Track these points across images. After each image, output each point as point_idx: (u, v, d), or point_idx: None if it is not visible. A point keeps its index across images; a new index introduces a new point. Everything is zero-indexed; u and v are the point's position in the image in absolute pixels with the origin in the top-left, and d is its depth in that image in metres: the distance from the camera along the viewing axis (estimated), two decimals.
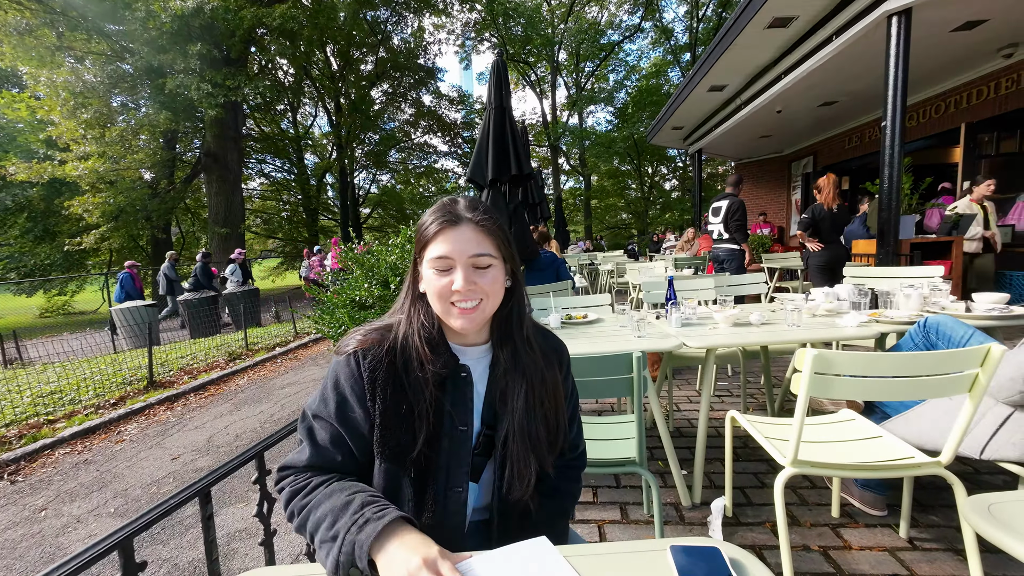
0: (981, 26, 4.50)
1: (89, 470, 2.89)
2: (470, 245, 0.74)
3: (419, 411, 0.74)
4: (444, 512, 0.76)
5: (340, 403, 0.75)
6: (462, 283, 0.72)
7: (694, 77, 6.66)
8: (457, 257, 0.73)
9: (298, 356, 5.84)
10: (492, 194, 3.33)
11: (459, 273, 0.73)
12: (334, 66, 18.27)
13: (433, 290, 0.75)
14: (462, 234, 0.74)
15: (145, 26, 10.42)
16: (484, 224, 0.75)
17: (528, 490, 0.80)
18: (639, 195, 22.94)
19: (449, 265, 0.74)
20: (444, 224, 0.74)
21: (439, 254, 0.74)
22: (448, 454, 0.77)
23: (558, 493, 0.89)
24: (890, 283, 2.63)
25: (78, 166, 10.64)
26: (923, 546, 1.54)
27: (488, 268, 0.75)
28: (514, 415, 0.79)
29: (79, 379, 4.57)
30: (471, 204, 0.77)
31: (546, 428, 0.82)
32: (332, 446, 0.75)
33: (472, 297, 0.74)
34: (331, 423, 0.75)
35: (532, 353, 0.82)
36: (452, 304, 0.74)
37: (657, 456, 2.26)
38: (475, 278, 0.74)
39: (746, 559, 0.61)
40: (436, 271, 0.74)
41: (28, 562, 2.01)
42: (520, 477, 0.79)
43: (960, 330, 1.55)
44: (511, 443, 0.78)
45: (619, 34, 21.05)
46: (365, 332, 0.78)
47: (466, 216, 0.75)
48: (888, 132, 3.81)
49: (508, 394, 0.80)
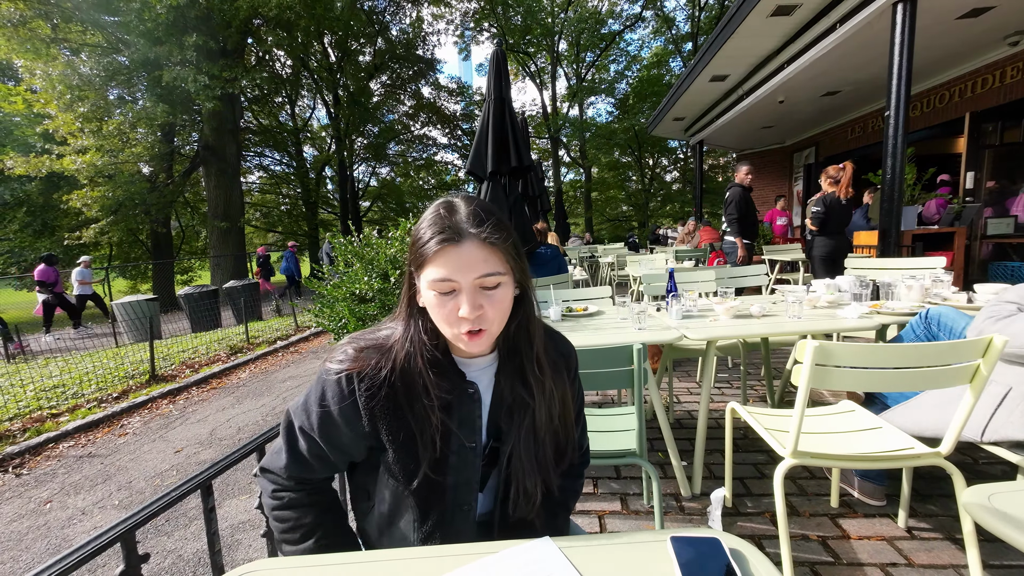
0: (987, 13, 4.43)
1: (93, 463, 2.91)
2: (476, 266, 0.64)
3: (424, 439, 0.69)
4: (450, 531, 0.74)
5: (323, 418, 0.71)
6: (468, 310, 0.64)
7: (696, 67, 6.59)
8: (462, 280, 0.64)
9: (299, 349, 5.86)
10: (492, 187, 3.32)
11: (464, 298, 0.64)
12: (332, 57, 18.06)
13: (437, 315, 0.67)
14: (467, 254, 0.64)
15: (141, 17, 10.28)
16: (492, 240, 0.65)
17: (534, 509, 0.77)
18: (640, 187, 22.82)
19: (452, 288, 0.65)
20: (444, 242, 0.64)
21: (440, 276, 0.64)
22: (456, 472, 0.73)
23: (560, 490, 0.86)
24: (891, 274, 2.63)
25: (76, 160, 10.58)
26: (921, 535, 1.55)
27: (496, 288, 0.66)
28: (520, 431, 0.75)
29: (81, 373, 4.58)
30: (475, 215, 0.66)
31: (555, 445, 0.78)
32: (311, 458, 0.73)
33: (480, 323, 0.66)
34: (312, 436, 0.72)
35: (541, 368, 0.76)
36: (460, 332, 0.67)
37: (657, 447, 2.27)
38: (482, 301, 0.65)
39: (746, 549, 0.61)
40: (436, 294, 0.66)
41: (34, 553, 2.03)
42: (526, 495, 0.75)
43: (961, 321, 1.55)
44: (516, 461, 0.75)
45: (620, 23, 20.77)
46: (359, 349, 0.71)
47: (470, 231, 0.64)
48: (891, 122, 3.77)
49: (514, 409, 0.75)
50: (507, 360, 0.76)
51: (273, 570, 0.65)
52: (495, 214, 0.69)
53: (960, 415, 1.21)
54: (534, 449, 0.75)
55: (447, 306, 0.66)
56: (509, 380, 0.75)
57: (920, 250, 4.84)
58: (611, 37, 20.85)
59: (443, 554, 0.65)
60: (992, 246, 5.53)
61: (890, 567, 1.42)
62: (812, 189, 9.57)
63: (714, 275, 3.15)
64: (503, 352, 0.76)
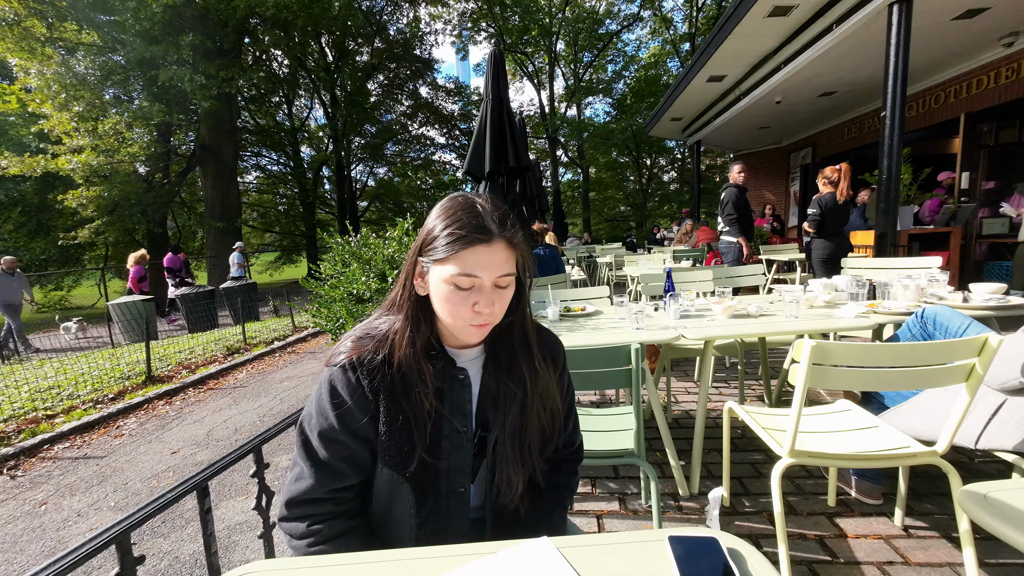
0: (982, 14, 4.46)
1: (88, 464, 2.89)
2: (500, 266, 0.68)
3: (418, 423, 0.72)
4: (448, 515, 0.75)
5: (343, 413, 0.71)
6: (485, 306, 0.67)
7: (693, 67, 6.61)
8: (485, 277, 0.67)
9: (296, 350, 5.84)
10: (490, 187, 3.31)
11: (484, 294, 0.68)
12: (329, 57, 18.02)
13: (449, 307, 0.69)
14: (496, 254, 0.67)
15: (137, 16, 10.24)
16: (515, 242, 0.69)
17: (516, 497, 0.79)
18: (637, 187, 22.86)
19: (474, 284, 0.68)
20: (475, 240, 0.66)
21: (466, 272, 0.67)
22: (449, 456, 0.75)
23: (556, 488, 0.89)
24: (888, 274, 2.64)
25: (71, 160, 10.52)
26: (918, 534, 1.56)
27: (507, 287, 0.71)
28: (506, 420, 0.77)
29: (77, 374, 4.56)
30: (500, 217, 0.70)
31: (540, 436, 0.80)
32: (339, 463, 0.71)
33: (491, 319, 0.70)
34: (334, 438, 0.71)
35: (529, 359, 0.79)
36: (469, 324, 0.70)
37: (655, 447, 2.27)
38: (495, 298, 0.69)
39: (744, 548, 0.61)
40: (455, 287, 0.68)
41: (29, 555, 2.01)
42: (508, 483, 0.77)
43: (957, 320, 1.55)
44: (500, 449, 0.77)
45: (617, 23, 20.80)
46: (356, 339, 0.74)
47: (498, 232, 0.68)
48: (888, 122, 3.79)
49: (500, 398, 0.78)
50: (495, 352, 0.79)
51: (271, 571, 0.65)
52: (510, 214, 0.72)
53: (956, 414, 1.21)
54: (519, 439, 0.78)
55: (461, 299, 0.68)
56: (496, 371, 0.78)
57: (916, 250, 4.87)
58: (609, 37, 20.87)
59: (442, 554, 0.65)
60: (987, 246, 5.57)
61: (887, 565, 1.43)
62: (809, 189, 9.61)
63: (712, 275, 3.16)
64: (490, 344, 0.79)
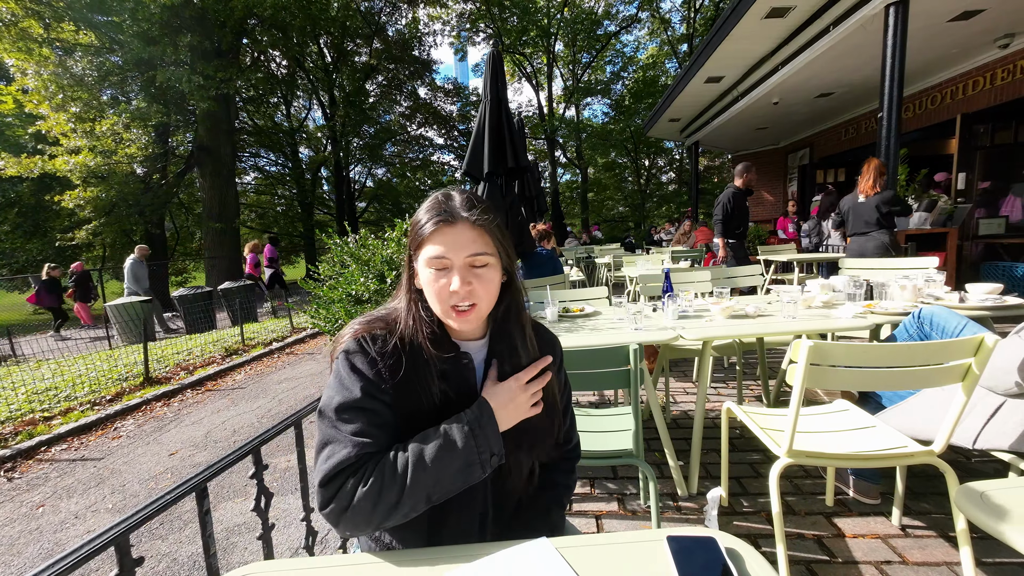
0: (978, 16, 4.48)
1: (86, 466, 2.88)
2: (467, 245, 0.72)
3: (427, 404, 0.74)
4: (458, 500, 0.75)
5: (365, 383, 0.71)
6: (459, 285, 0.71)
7: (691, 68, 6.63)
8: (453, 258, 0.72)
9: (295, 351, 5.83)
10: (488, 187, 3.31)
11: (456, 275, 0.72)
12: (328, 58, 18.01)
13: (430, 291, 0.74)
14: (459, 234, 0.72)
15: (134, 16, 10.21)
16: (481, 222, 0.73)
17: (523, 481, 0.80)
18: (636, 188, 22.89)
19: (445, 265, 0.72)
20: (440, 223, 0.72)
21: (435, 254, 0.72)
22: None
23: (553, 486, 0.90)
24: (885, 274, 2.65)
25: (68, 160, 10.48)
26: (915, 533, 1.56)
27: (485, 267, 0.74)
28: None
29: (74, 376, 4.54)
30: (467, 201, 0.75)
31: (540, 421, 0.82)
32: (370, 426, 0.69)
33: (469, 299, 0.73)
34: (362, 405, 0.70)
35: (529, 348, 0.82)
36: (450, 307, 0.73)
37: (654, 448, 2.28)
38: (471, 279, 0.73)
39: (742, 548, 0.62)
40: (433, 271, 0.73)
41: (26, 558, 2.01)
42: (517, 468, 0.79)
43: (953, 320, 1.56)
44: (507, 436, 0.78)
45: (616, 24, 20.83)
46: (366, 321, 0.77)
47: (462, 215, 0.73)
48: (884, 123, 3.81)
49: None
50: (497, 342, 0.82)
51: (270, 573, 0.65)
52: (485, 202, 0.77)
53: (953, 414, 1.22)
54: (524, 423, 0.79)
55: (440, 282, 0.73)
56: (499, 360, 0.81)
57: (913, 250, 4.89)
58: (607, 38, 20.89)
59: (442, 555, 0.66)
60: (984, 246, 5.60)
61: (884, 565, 1.43)
62: (807, 190, 9.64)
63: (710, 275, 3.17)
64: (494, 334, 0.83)
